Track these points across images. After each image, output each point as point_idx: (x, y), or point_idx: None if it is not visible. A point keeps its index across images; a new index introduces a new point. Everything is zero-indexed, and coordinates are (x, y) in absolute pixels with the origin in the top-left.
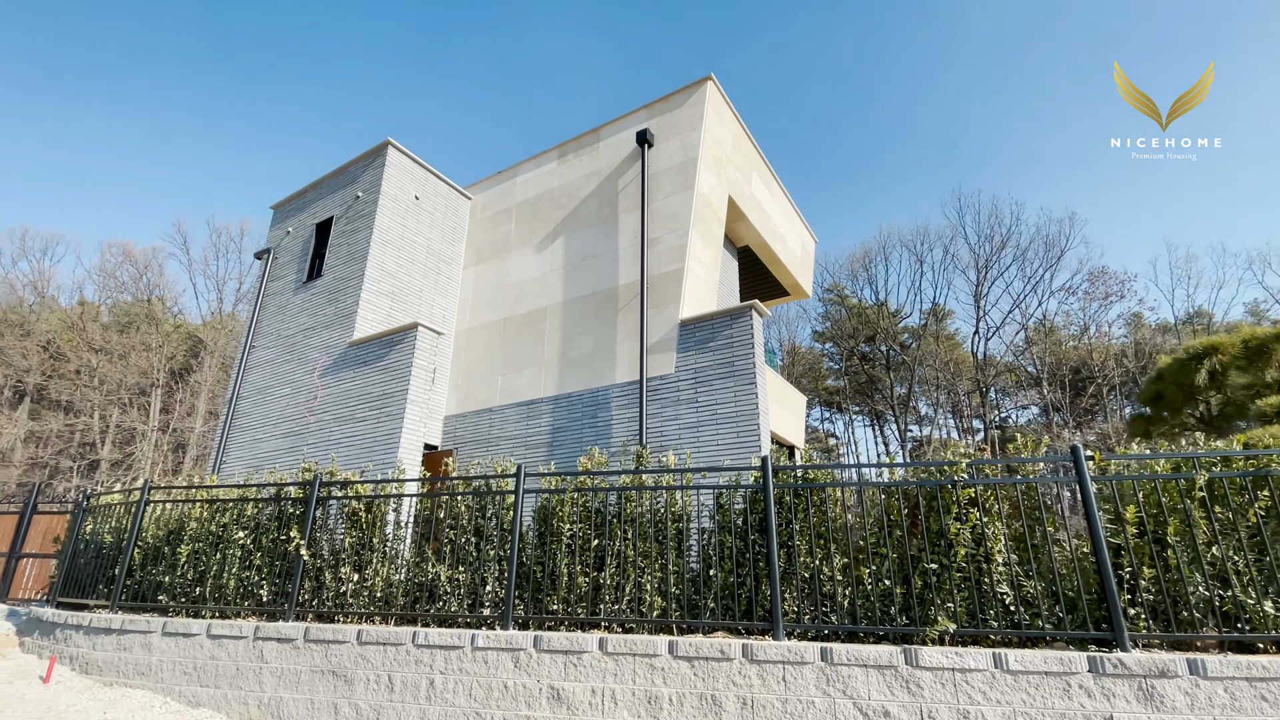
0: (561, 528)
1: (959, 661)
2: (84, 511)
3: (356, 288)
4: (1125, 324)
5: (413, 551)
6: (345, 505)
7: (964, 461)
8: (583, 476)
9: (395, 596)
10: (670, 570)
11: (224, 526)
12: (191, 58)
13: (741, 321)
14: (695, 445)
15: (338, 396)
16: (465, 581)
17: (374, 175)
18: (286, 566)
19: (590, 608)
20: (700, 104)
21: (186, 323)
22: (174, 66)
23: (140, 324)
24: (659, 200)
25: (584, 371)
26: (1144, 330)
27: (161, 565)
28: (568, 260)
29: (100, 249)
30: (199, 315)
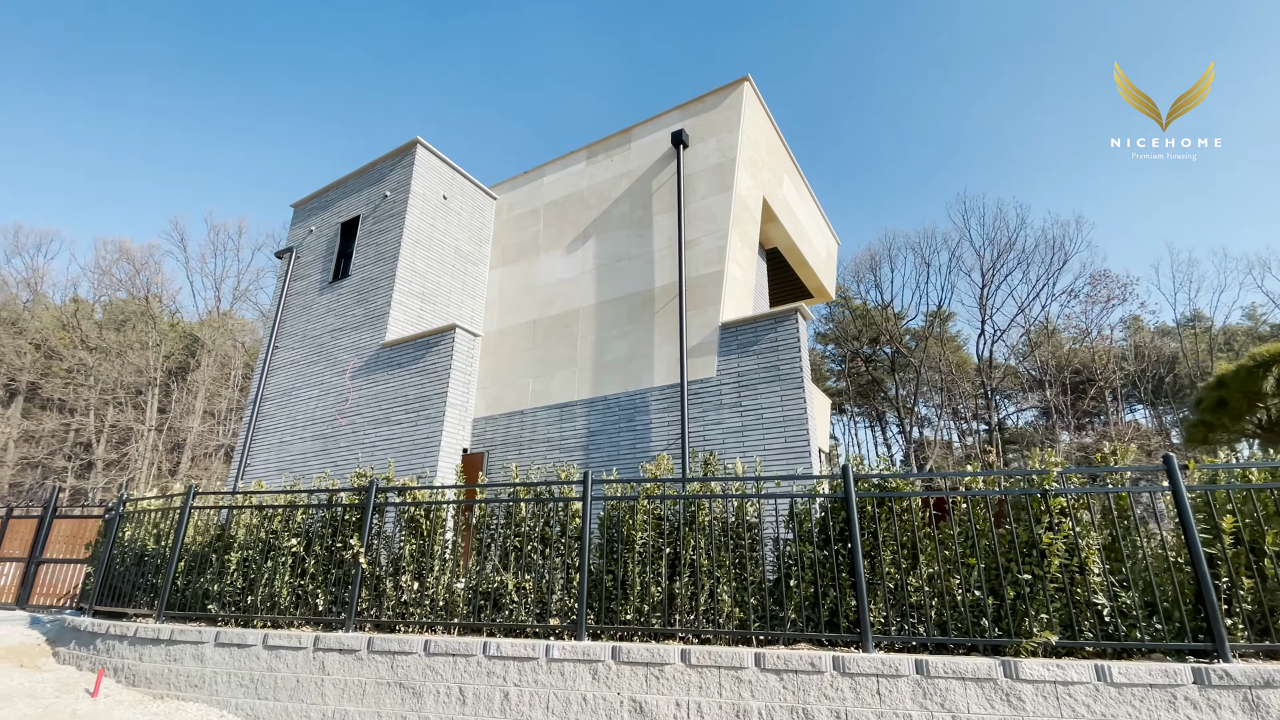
0: (634, 536)
1: (1061, 674)
2: (120, 517)
3: (387, 288)
4: (1125, 327)
5: (474, 559)
6: (404, 511)
7: (1055, 470)
8: (652, 483)
9: (458, 605)
10: (748, 580)
11: (273, 533)
12: (187, 52)
13: (786, 325)
14: (740, 450)
15: (370, 399)
16: (532, 590)
17: (402, 174)
18: (342, 574)
19: (665, 618)
20: (737, 105)
21: (183, 321)
22: (169, 61)
23: (136, 322)
24: (696, 202)
25: (620, 374)
26: (1144, 333)
27: (208, 573)
28: (600, 262)
29: (95, 245)
30: (196, 314)
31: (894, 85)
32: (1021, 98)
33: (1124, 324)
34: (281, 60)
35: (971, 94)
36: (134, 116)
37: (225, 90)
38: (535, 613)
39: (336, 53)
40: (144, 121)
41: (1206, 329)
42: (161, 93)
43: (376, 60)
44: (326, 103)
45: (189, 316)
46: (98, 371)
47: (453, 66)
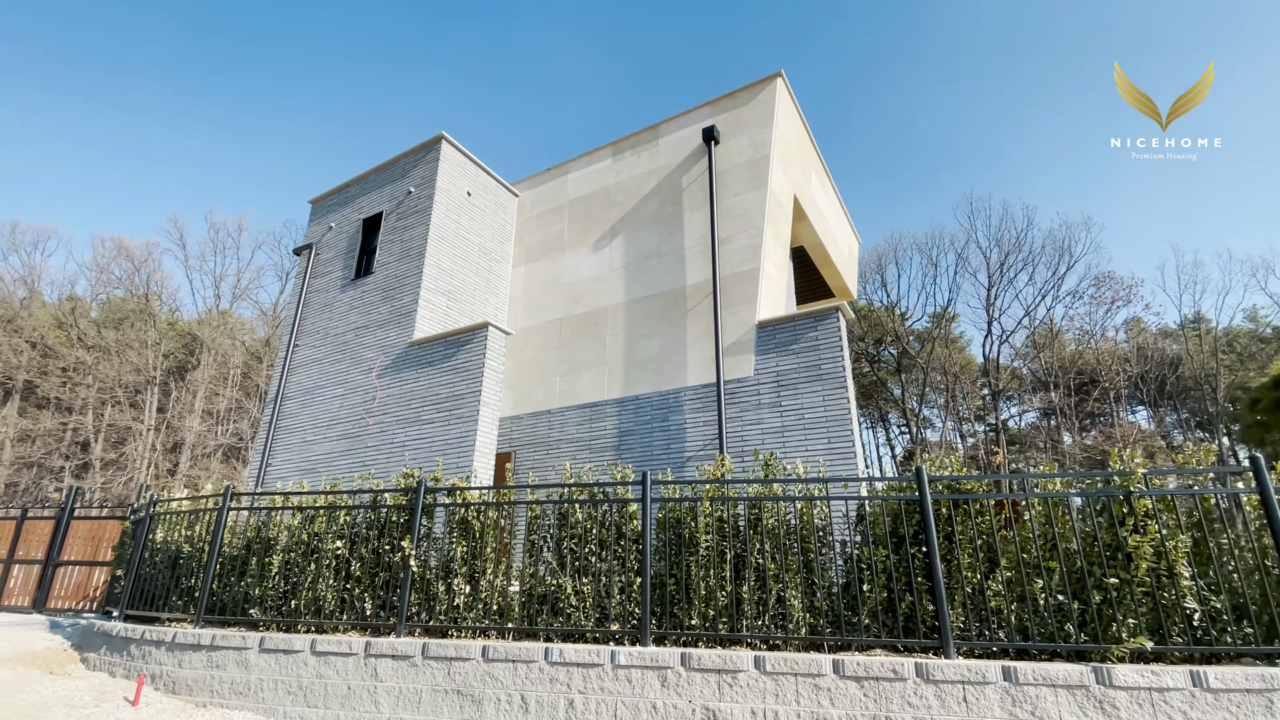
0: (698, 538)
1: (1155, 680)
2: (150, 518)
3: (414, 286)
4: (1126, 329)
5: (527, 562)
6: (454, 512)
7: (1140, 471)
8: (713, 485)
9: (513, 609)
10: (817, 584)
11: (315, 535)
12: (187, 49)
13: (827, 323)
14: (781, 451)
15: (399, 398)
16: (590, 594)
17: (427, 170)
18: (390, 578)
19: (731, 623)
20: (770, 101)
21: (181, 320)
22: (168, 58)
23: (135, 320)
24: (728, 199)
25: (651, 374)
26: (1145, 335)
27: (247, 576)
28: (628, 260)
29: (93, 243)
30: (195, 312)
31: (895, 85)
32: (1021, 98)
33: (1126, 326)
34: (282, 59)
35: (971, 94)
36: (132, 114)
37: (225, 88)
38: (595, 617)
39: (337, 51)
40: (142, 119)
41: (1209, 331)
42: (160, 90)
43: (376, 59)
44: (327, 101)
45: (188, 315)
46: (96, 370)
47: (454, 67)
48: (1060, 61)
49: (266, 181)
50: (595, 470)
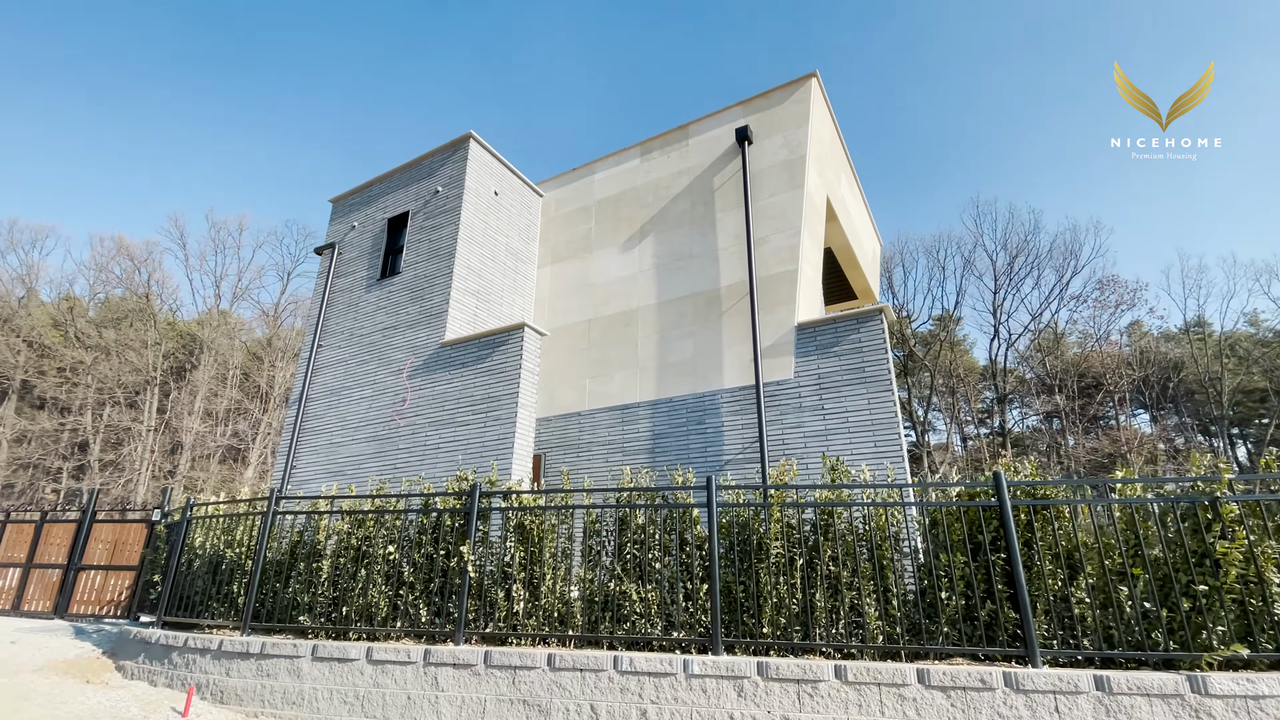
0: (769, 544)
1: (1251, 688)
2: (188, 522)
3: (444, 286)
4: (1128, 332)
5: (586, 567)
6: (511, 516)
7: (1228, 477)
8: (781, 489)
9: (574, 616)
10: (892, 591)
11: (364, 540)
12: (185, 46)
13: (871, 325)
14: (826, 454)
15: (430, 399)
16: (656, 601)
17: (455, 169)
18: (445, 583)
19: (806, 631)
20: (805, 101)
21: (178, 320)
22: (168, 56)
23: (134, 320)
24: (763, 199)
25: (686, 376)
26: (1147, 339)
27: (293, 582)
28: (659, 260)
29: (92, 242)
30: (195, 311)
31: (893, 85)
32: (1020, 98)
33: (1127, 329)
34: (283, 57)
35: (971, 94)
36: (133, 112)
37: (227, 86)
38: (661, 624)
39: (337, 49)
40: (143, 117)
41: (1210, 335)
42: (160, 88)
43: (375, 58)
44: (328, 100)
45: (188, 315)
46: (94, 370)
47: (452, 66)
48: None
49: (268, 180)
50: (633, 473)
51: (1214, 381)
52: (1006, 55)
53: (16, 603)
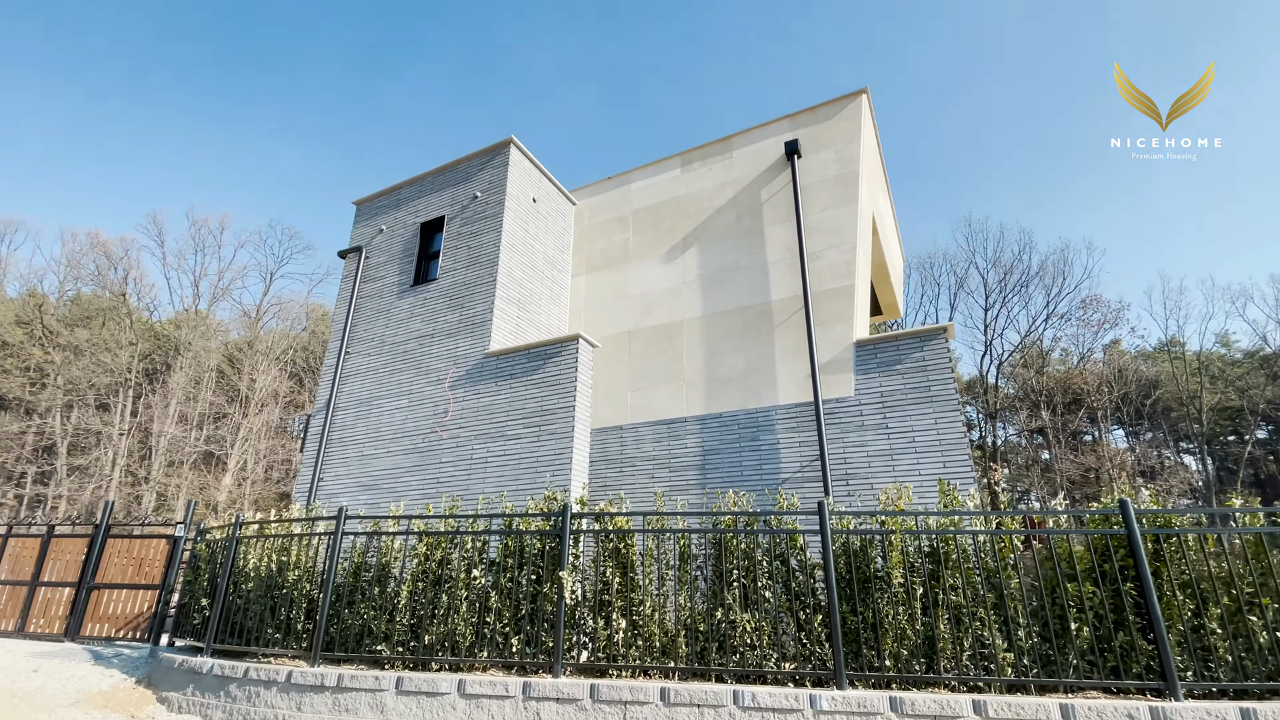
0: (890, 573)
1: None
2: (236, 541)
3: (487, 294)
4: (1105, 350)
5: (685, 595)
6: (608, 540)
7: None
8: (898, 517)
9: (678, 647)
10: (1019, 622)
11: (440, 562)
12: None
13: (934, 343)
14: (891, 475)
15: (475, 411)
16: (768, 630)
17: (494, 175)
18: (534, 610)
19: (930, 664)
20: (856, 116)
21: (157, 320)
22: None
23: (107, 319)
24: (815, 214)
25: (737, 391)
26: (1124, 357)
27: (362, 607)
28: (704, 272)
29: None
30: (172, 312)
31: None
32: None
33: (1105, 348)
34: (269, 56)
35: (969, 94)
36: (112, 108)
37: (210, 84)
38: (773, 656)
39: (322, 51)
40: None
41: (1182, 354)
42: (141, 85)
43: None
44: (313, 101)
45: (164, 314)
46: (63, 371)
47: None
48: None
49: (250, 180)
50: (676, 490)
51: (1193, 399)
52: (1004, 54)
53: (21, 624)
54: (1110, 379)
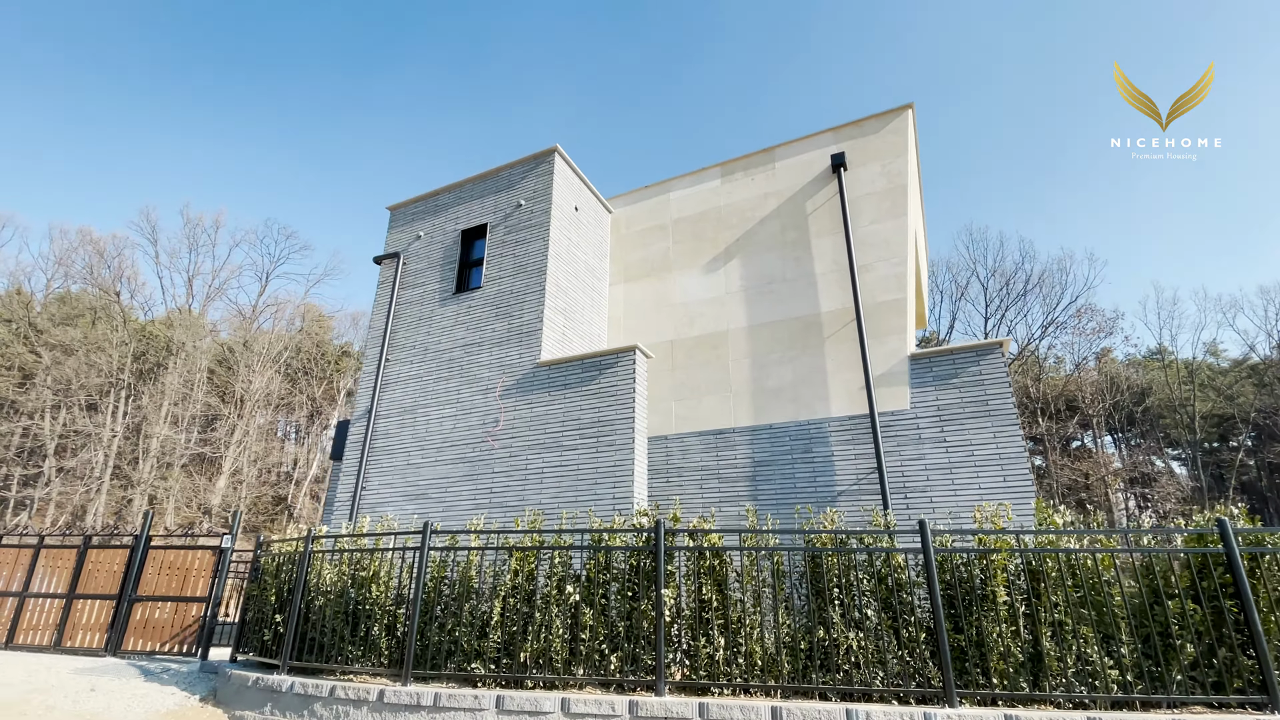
0: (994, 591)
1: None
2: (307, 555)
3: (536, 303)
4: (1097, 359)
5: (782, 612)
6: (703, 557)
7: None
8: (1001, 535)
9: (779, 664)
10: (1121, 639)
11: (529, 578)
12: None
13: (990, 358)
14: (950, 489)
15: (527, 421)
16: (871, 648)
17: (539, 183)
18: (630, 627)
19: (1035, 682)
20: (904, 131)
21: (148, 320)
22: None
23: (98, 318)
24: (863, 226)
25: (787, 402)
26: (1113, 365)
27: (455, 625)
28: (748, 283)
29: (51, 233)
30: (164, 310)
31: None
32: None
33: (1097, 356)
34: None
35: (968, 94)
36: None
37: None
38: (878, 674)
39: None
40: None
41: (1171, 363)
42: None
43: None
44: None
45: (157, 313)
46: (53, 370)
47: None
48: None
49: (245, 179)
50: (726, 501)
51: (1184, 406)
52: (1004, 55)
53: (58, 638)
54: (1104, 387)
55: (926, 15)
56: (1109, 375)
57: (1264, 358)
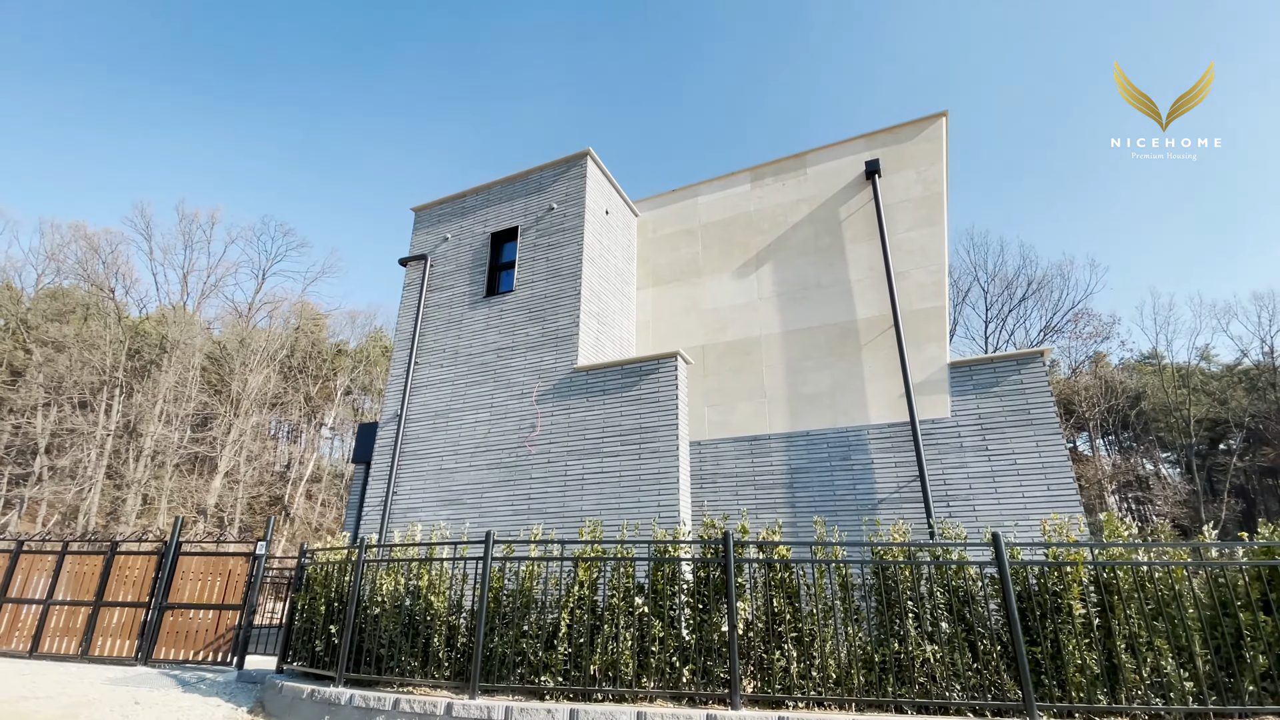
0: (1070, 605)
1: None
2: (363, 564)
3: (571, 308)
4: (1091, 363)
5: (851, 624)
6: (774, 570)
7: None
8: (1076, 548)
9: (853, 678)
10: (1196, 651)
11: (591, 588)
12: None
13: (1032, 366)
14: (994, 498)
15: (567, 427)
16: (948, 662)
17: (571, 186)
18: (700, 640)
19: (1112, 694)
20: (939, 138)
21: (143, 317)
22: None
23: (91, 314)
24: (899, 234)
25: (824, 409)
26: (1108, 369)
27: (521, 636)
28: (780, 289)
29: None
30: (158, 307)
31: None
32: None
33: (1091, 359)
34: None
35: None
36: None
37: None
38: (955, 687)
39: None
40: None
41: (1165, 367)
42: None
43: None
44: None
45: (150, 310)
46: (45, 368)
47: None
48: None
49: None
50: (762, 508)
51: (1179, 408)
52: (1004, 54)
53: (85, 647)
54: (1099, 391)
55: (928, 14)
56: (1104, 379)
57: (1255, 362)
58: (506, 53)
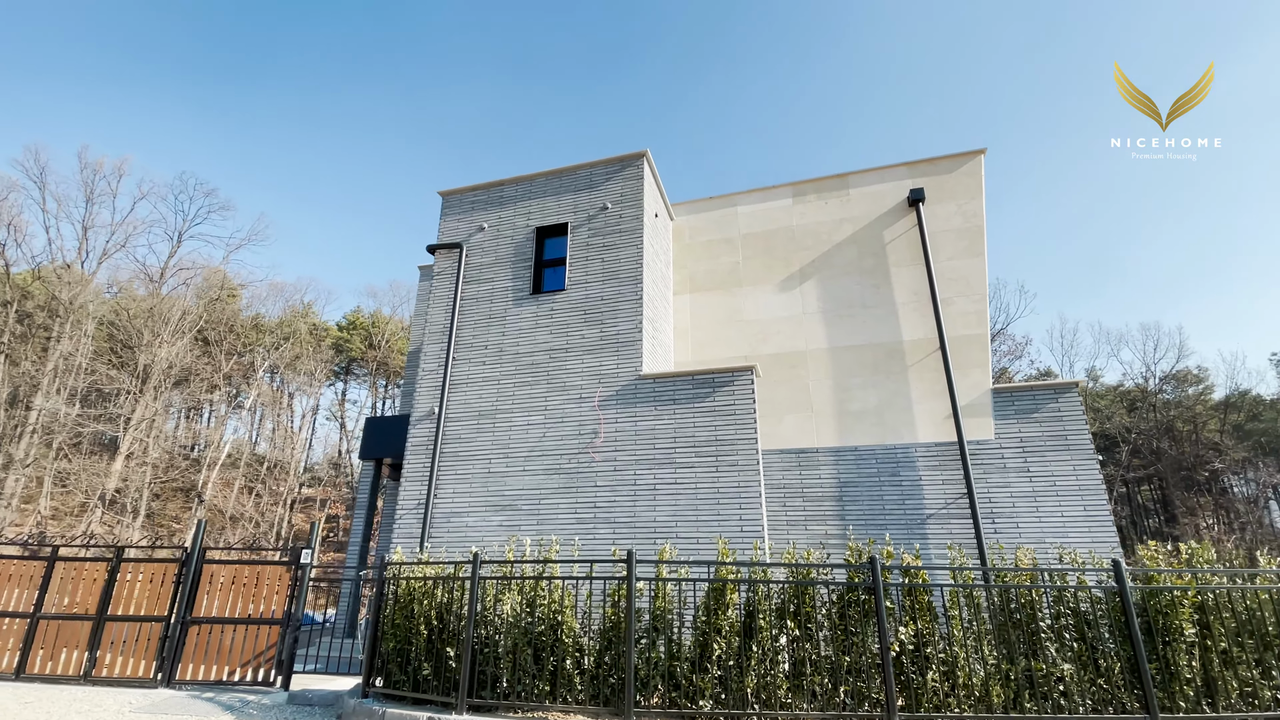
0: (1182, 625)
1: None
2: (478, 580)
3: (632, 312)
4: (994, 377)
5: (986, 645)
6: (922, 594)
7: None
8: (1190, 574)
9: (990, 697)
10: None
11: (743, 607)
12: None
13: (1068, 395)
14: (1035, 517)
15: (633, 435)
16: (1081, 679)
17: (627, 187)
18: (852, 662)
19: (1211, 705)
20: (977, 174)
21: (24, 272)
22: None
23: None
24: (941, 261)
25: (872, 426)
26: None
27: (651, 656)
28: (825, 305)
29: None
30: (50, 265)
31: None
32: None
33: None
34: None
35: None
36: None
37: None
38: (1087, 702)
39: None
40: None
41: None
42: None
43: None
44: None
45: (43, 265)
46: None
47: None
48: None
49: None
50: (811, 520)
51: None
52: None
53: (89, 667)
54: None
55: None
56: None
57: (1136, 384)
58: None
